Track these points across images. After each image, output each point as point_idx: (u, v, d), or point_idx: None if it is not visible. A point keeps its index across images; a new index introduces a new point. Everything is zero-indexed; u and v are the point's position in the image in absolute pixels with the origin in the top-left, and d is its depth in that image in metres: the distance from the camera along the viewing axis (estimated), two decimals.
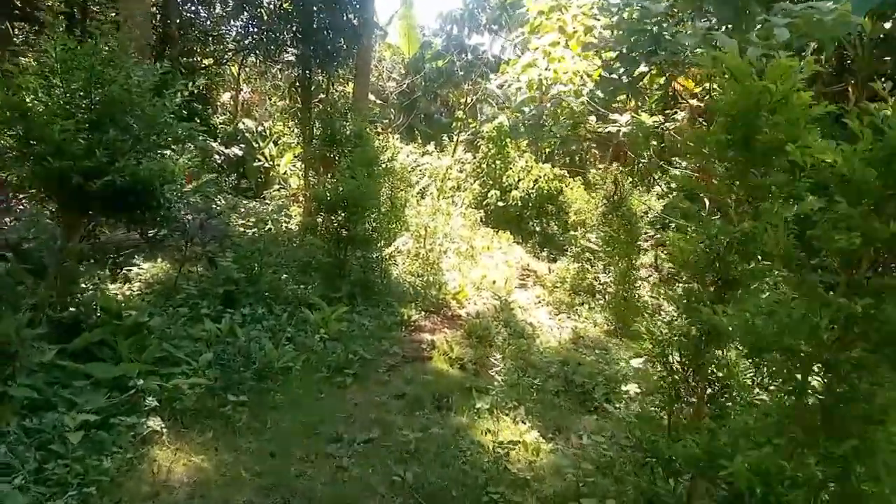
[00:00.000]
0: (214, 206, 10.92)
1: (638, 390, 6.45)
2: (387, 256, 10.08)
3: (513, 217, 17.25)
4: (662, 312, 6.11)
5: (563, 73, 15.30)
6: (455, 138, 19.98)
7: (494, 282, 12.12)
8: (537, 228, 17.62)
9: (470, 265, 12.77)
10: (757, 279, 3.66)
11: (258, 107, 28.09)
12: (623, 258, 9.36)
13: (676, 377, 4.14)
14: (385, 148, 10.81)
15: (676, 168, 10.75)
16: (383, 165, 10.37)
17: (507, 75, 16.22)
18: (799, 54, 3.63)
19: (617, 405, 6.27)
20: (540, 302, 10.99)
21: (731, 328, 3.19)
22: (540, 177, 17.82)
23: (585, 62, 14.95)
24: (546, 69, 15.53)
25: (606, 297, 10.10)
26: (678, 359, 4.12)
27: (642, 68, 7.45)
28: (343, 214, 9.29)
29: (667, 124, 8.36)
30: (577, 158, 25.88)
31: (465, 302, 10.09)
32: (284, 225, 12.08)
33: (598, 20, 14.28)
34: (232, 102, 28.21)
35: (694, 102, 7.86)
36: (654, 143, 9.57)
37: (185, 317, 6.34)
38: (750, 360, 3.19)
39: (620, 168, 9.96)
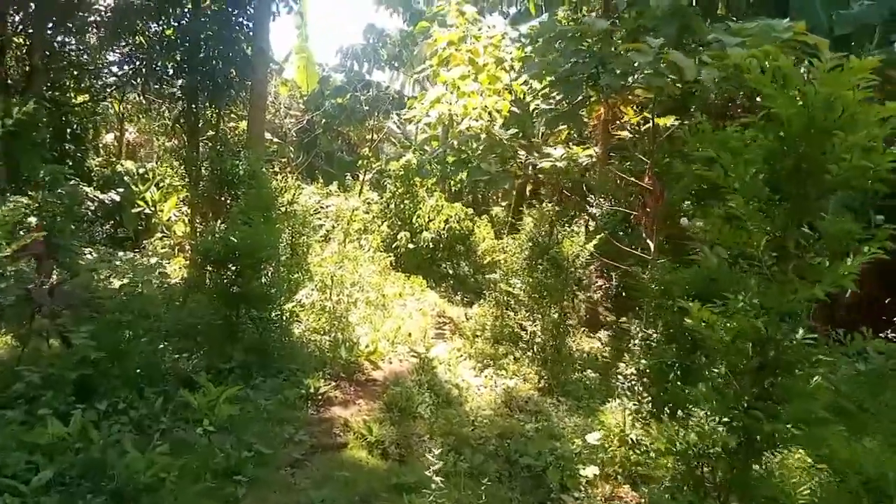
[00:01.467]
0: (78, 262, 9.22)
1: (598, 472, 5.47)
2: (287, 313, 8.73)
3: (424, 260, 16.24)
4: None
5: (473, 109, 14.67)
6: (361, 177, 18.87)
7: (410, 334, 11.00)
8: (450, 271, 16.69)
9: (382, 316, 11.60)
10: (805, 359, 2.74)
11: (143, 147, 25.93)
12: (554, 305, 8.49)
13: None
14: (284, 189, 9.56)
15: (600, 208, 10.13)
16: (282, 209, 9.10)
17: (415, 110, 15.37)
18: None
19: (576, 494, 5.25)
20: (462, 355, 9.94)
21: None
22: (451, 216, 16.97)
23: (494, 97, 14.41)
24: (454, 104, 14.83)
25: (534, 347, 9.18)
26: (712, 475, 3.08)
27: (580, 95, 6.67)
28: (234, 268, 7.93)
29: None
30: (480, 197, 25.40)
31: (380, 362, 8.89)
32: (165, 281, 10.45)
33: (510, 52, 13.78)
34: (115, 143, 25.88)
35: (624, 134, 7.17)
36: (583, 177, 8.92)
37: (18, 421, 4.79)
38: None
39: (554, 205, 9.20)
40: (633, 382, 5.42)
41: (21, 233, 9.78)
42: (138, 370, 6.39)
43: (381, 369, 8.57)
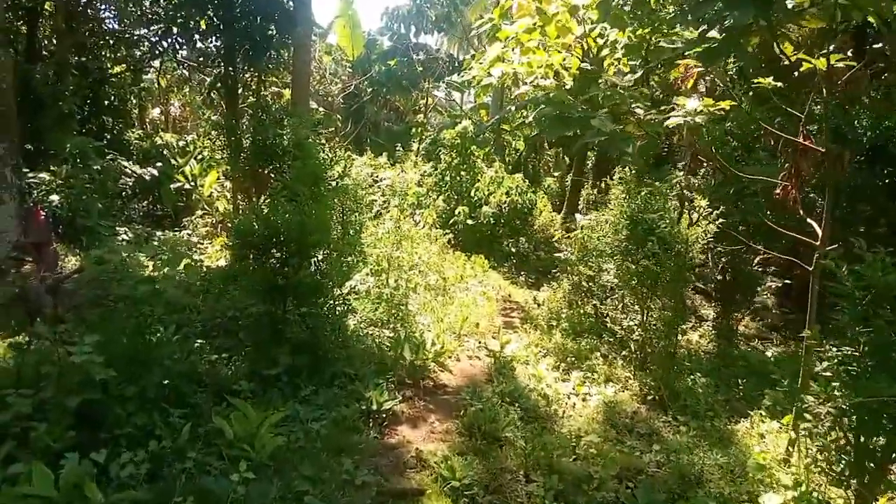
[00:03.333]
0: (105, 245, 8.14)
1: None
2: (340, 305, 7.45)
3: (484, 237, 14.84)
4: None
5: (538, 67, 13.05)
6: (417, 147, 17.45)
7: (478, 324, 9.66)
8: (512, 249, 15.25)
9: (444, 302, 10.28)
10: None
11: (189, 121, 25.03)
12: (665, 298, 6.96)
13: None
14: (334, 161, 8.26)
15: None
16: (333, 184, 7.78)
17: (472, 71, 13.82)
18: None
19: None
20: (540, 351, 8.55)
21: None
22: (511, 189, 15.46)
23: (562, 54, 12.76)
24: (517, 62, 13.23)
25: (631, 346, 7.71)
26: None
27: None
28: (279, 254, 6.68)
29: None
30: (531, 167, 23.75)
31: (449, 361, 7.57)
32: (204, 265, 9.31)
33: None
34: (162, 118, 25.07)
35: (767, 80, 5.43)
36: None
37: None
38: None
39: (688, 173, 7.64)
40: (818, 424, 3.96)
41: (42, 214, 8.78)
42: (165, 382, 5.20)
43: (451, 372, 7.25)
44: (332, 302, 7.08)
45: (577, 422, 6.14)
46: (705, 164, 7.77)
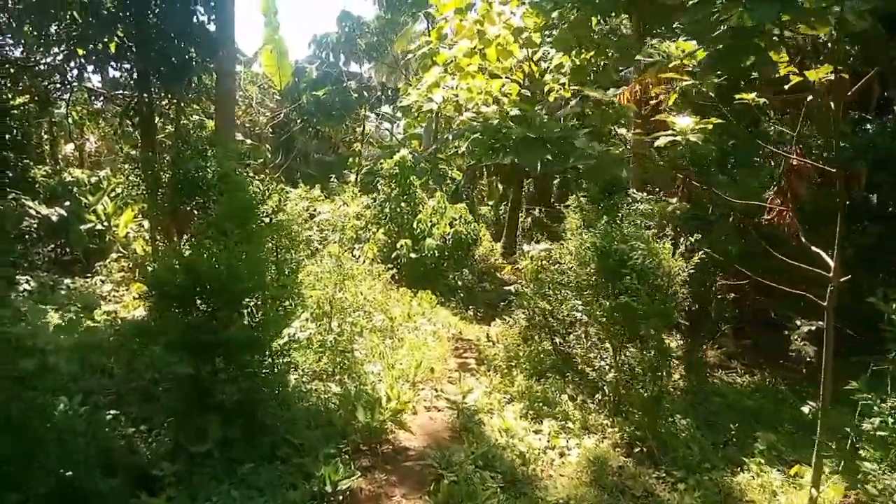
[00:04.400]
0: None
1: None
2: (278, 358, 6.47)
3: (429, 270, 14.02)
4: None
5: (478, 93, 12.52)
6: (354, 178, 16.56)
7: (433, 369, 8.82)
8: (458, 282, 14.51)
9: (392, 346, 9.39)
10: None
11: (107, 156, 23.31)
12: (651, 339, 6.28)
13: None
14: (266, 194, 7.32)
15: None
16: (266, 220, 6.83)
17: (410, 97, 13.11)
18: None
19: None
20: (504, 397, 7.77)
21: None
22: (455, 219, 14.77)
23: (500, 79, 12.28)
24: (457, 87, 12.65)
25: (604, 388, 7.02)
26: None
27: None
28: (205, 306, 5.69)
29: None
30: (464, 195, 23.24)
31: (407, 417, 6.67)
32: (118, 316, 8.14)
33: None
34: (76, 153, 23.23)
35: (749, 96, 4.93)
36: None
37: None
38: None
39: (681, 200, 7.03)
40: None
41: None
42: (65, 474, 4.12)
43: (411, 430, 6.35)
44: (269, 358, 6.09)
45: (561, 485, 5.36)
46: (678, 189, 7.25)
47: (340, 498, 4.78)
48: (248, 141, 19.36)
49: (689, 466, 5.59)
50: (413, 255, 13.77)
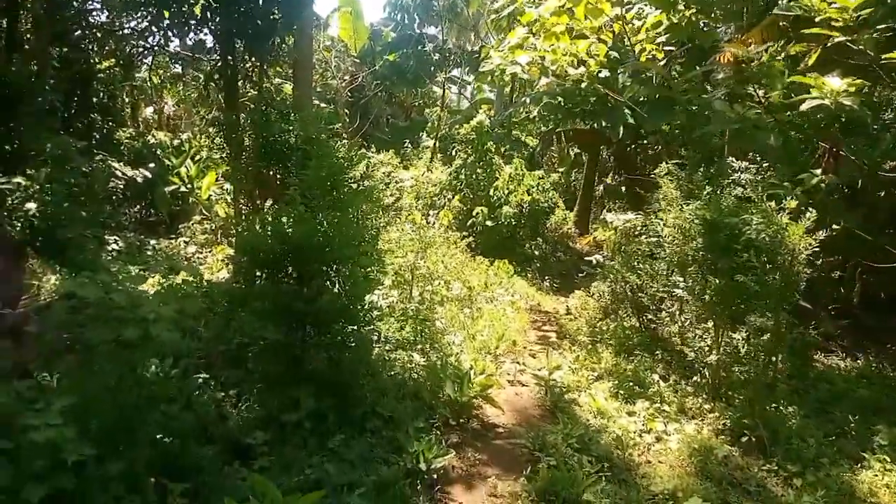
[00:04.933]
0: (88, 261, 7.01)
1: None
2: (367, 328, 6.36)
3: (505, 239, 13.73)
4: None
5: (563, 55, 11.97)
6: (434, 143, 16.31)
7: (515, 342, 8.60)
8: (535, 251, 14.16)
9: (472, 315, 9.21)
10: None
11: (183, 120, 23.85)
12: (768, 320, 5.83)
13: None
14: (354, 160, 7.17)
15: None
16: (353, 186, 6.68)
17: (492, 61, 12.67)
18: None
19: None
20: (592, 375, 7.48)
21: None
22: (532, 187, 14.37)
23: (588, 40, 11.70)
24: (542, 49, 12.13)
25: (706, 371, 6.62)
26: None
27: None
28: (296, 273, 5.61)
29: None
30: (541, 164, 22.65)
31: (493, 391, 6.47)
32: (204, 278, 8.22)
33: None
34: (155, 117, 23.88)
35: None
36: None
37: None
38: None
39: (829, 170, 6.49)
40: None
41: (17, 225, 7.68)
42: (162, 440, 4.11)
43: (499, 407, 6.15)
44: (358, 327, 5.98)
45: (663, 472, 5.06)
46: (824, 158, 6.53)
47: (435, 476, 4.63)
48: (324, 105, 19.37)
49: (803, 460, 5.19)
50: (489, 223, 13.50)
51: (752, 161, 9.30)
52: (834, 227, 5.12)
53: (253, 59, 10.20)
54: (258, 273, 6.07)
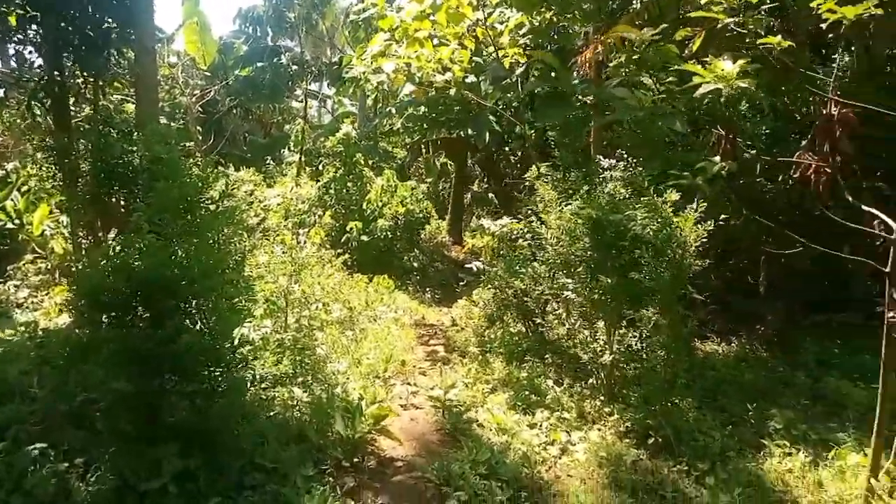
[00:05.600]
0: None
1: None
2: (237, 367, 5.63)
3: (382, 253, 13.24)
4: None
5: (427, 61, 11.72)
6: (299, 157, 15.47)
7: (404, 362, 8.12)
8: (414, 263, 13.79)
9: (355, 338, 8.65)
10: None
11: (12, 150, 21.31)
12: (663, 316, 5.72)
13: None
14: (210, 179, 6.38)
15: None
16: (212, 208, 5.92)
17: (354, 70, 12.16)
18: None
19: None
20: (487, 388, 7.17)
21: None
22: (406, 198, 14.01)
23: (450, 46, 11.55)
24: (406, 56, 11.80)
25: (600, 372, 6.47)
26: None
27: None
28: (148, 313, 4.82)
29: None
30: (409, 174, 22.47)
31: (391, 424, 5.94)
32: (39, 326, 7.09)
33: None
34: None
35: None
36: None
37: None
38: None
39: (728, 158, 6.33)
40: None
41: None
42: None
43: (396, 438, 5.63)
44: (227, 367, 5.25)
45: (575, 488, 4.78)
46: (720, 145, 6.49)
47: None
48: (172, 124, 17.93)
49: (710, 456, 5.10)
50: (364, 238, 12.96)
51: (619, 158, 9.46)
52: (724, 216, 5.06)
53: (85, 74, 9.04)
54: (102, 316, 5.18)
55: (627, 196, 6.78)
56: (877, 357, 7.95)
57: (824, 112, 4.12)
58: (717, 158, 4.07)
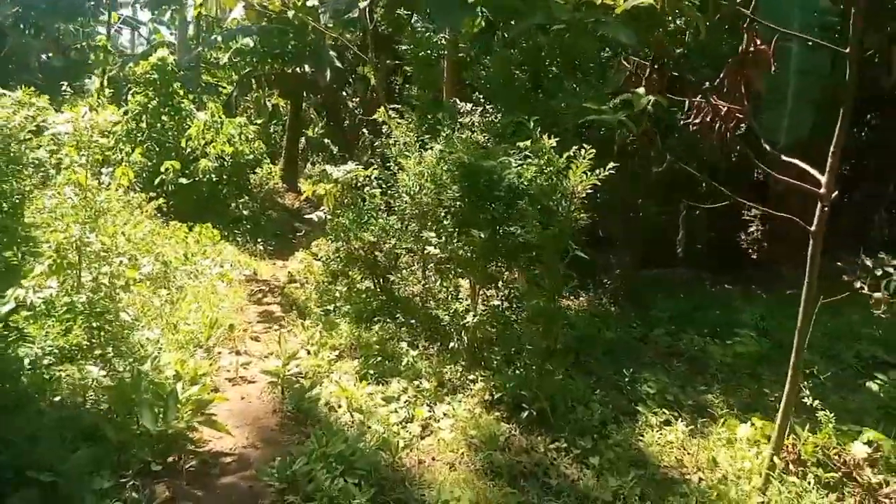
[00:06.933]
0: None
1: None
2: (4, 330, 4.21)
3: (204, 199, 11.62)
4: None
5: None
6: (101, 81, 13.01)
7: (232, 326, 6.93)
8: (244, 211, 12.30)
9: (170, 299, 7.27)
10: None
11: None
12: (542, 276, 5.01)
13: None
14: None
15: None
16: None
17: None
18: None
19: None
20: (332, 355, 6.24)
21: None
22: (233, 136, 12.38)
23: None
24: None
25: (462, 335, 5.77)
26: None
27: None
28: None
29: None
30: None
31: (218, 408, 4.81)
32: None
33: None
34: None
35: None
36: None
37: None
38: None
39: None
40: None
41: None
42: None
43: (222, 427, 4.52)
44: None
45: (444, 475, 4.05)
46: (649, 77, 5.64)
47: None
48: None
49: (588, 430, 4.57)
50: (183, 181, 11.23)
51: (476, 103, 8.77)
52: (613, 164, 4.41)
53: None
54: None
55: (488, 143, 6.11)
56: (727, 314, 8.18)
57: (741, 49, 3.59)
58: (641, 90, 3.40)
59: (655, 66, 3.50)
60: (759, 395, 5.48)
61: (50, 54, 20.84)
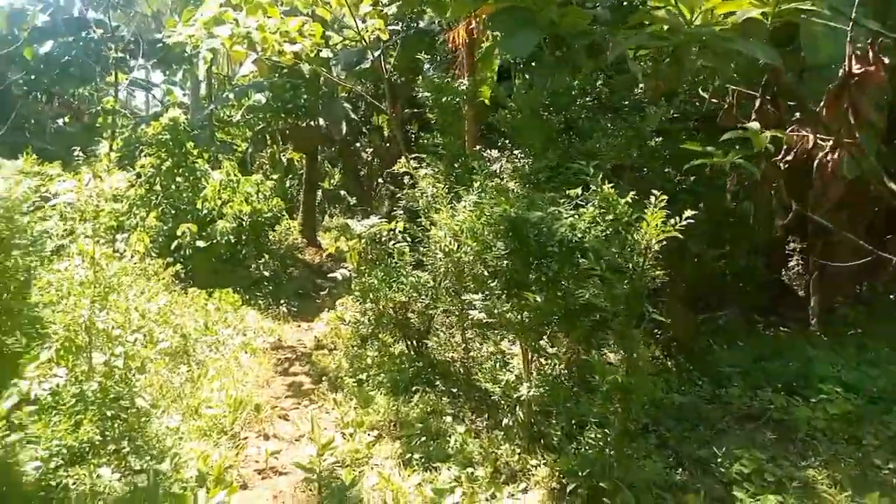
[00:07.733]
0: None
1: None
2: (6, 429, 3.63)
3: (224, 262, 11.13)
4: None
5: (272, 33, 9.87)
6: (110, 144, 12.74)
7: (258, 407, 6.31)
8: (265, 272, 11.79)
9: (191, 376, 6.70)
10: None
11: None
12: (618, 346, 4.34)
13: None
14: None
15: None
16: None
17: (184, 31, 9.91)
18: None
19: None
20: (367, 432, 5.60)
21: None
22: (251, 195, 11.96)
23: (300, 17, 9.81)
24: (245, 26, 9.84)
25: (518, 410, 5.10)
26: None
27: None
28: None
29: None
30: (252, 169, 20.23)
31: None
32: None
33: None
34: None
35: None
36: None
37: None
38: None
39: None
40: None
41: None
42: None
43: None
44: None
45: None
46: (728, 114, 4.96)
47: None
48: None
49: None
50: (201, 244, 10.76)
51: (502, 149, 8.28)
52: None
53: None
54: None
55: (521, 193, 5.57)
56: (801, 363, 7.37)
57: (842, 71, 3.02)
58: (756, 125, 2.83)
59: (768, 96, 2.93)
60: (867, 466, 4.73)
61: (65, 119, 20.83)
